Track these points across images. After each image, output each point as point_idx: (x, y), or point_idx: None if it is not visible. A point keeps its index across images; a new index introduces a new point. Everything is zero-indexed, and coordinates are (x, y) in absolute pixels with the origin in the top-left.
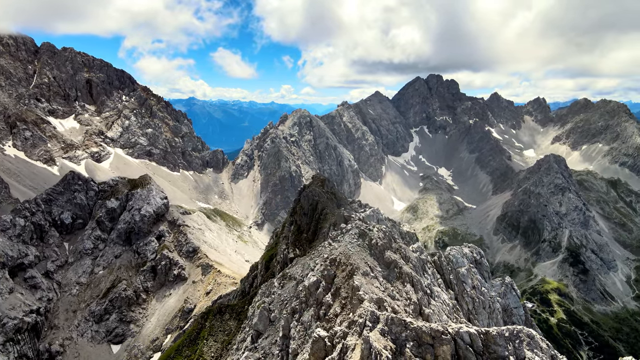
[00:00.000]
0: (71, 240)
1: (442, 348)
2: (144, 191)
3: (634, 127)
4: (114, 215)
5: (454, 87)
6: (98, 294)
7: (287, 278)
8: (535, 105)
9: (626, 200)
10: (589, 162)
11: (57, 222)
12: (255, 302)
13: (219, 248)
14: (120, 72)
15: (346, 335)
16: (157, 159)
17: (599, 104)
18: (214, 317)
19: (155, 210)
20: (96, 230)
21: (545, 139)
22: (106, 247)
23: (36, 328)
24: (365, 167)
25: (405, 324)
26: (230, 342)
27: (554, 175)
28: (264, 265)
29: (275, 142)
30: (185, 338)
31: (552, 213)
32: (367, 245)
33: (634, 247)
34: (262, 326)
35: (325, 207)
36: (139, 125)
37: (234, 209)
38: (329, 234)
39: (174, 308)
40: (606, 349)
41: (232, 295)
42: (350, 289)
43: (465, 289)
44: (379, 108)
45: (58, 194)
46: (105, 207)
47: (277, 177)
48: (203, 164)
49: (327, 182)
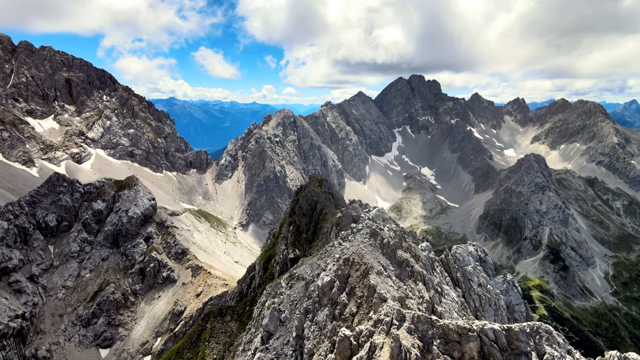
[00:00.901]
0: (56, 243)
1: (469, 345)
2: (131, 192)
3: (609, 127)
4: (100, 217)
5: (435, 88)
6: (85, 297)
7: (295, 278)
8: (515, 106)
9: (603, 198)
10: (567, 161)
11: (41, 224)
12: (261, 302)
13: (208, 249)
14: (101, 71)
15: (372, 334)
16: (140, 159)
17: (576, 104)
18: (215, 319)
19: (143, 212)
20: (82, 232)
21: (525, 139)
22: (93, 249)
23: (22, 333)
24: (349, 167)
25: (432, 321)
26: (232, 344)
27: (534, 174)
28: (262, 266)
29: (259, 142)
30: (186, 340)
31: (533, 211)
32: (378, 245)
33: (611, 243)
34: (272, 327)
35: (325, 208)
36: (120, 125)
37: (218, 210)
38: (339, 234)
39: (164, 311)
40: (586, 343)
41: (229, 296)
42: (366, 288)
43: (472, 287)
44: (362, 108)
45: (42, 196)
46: (92, 209)
47: (262, 178)
48: (186, 164)
49: (324, 182)
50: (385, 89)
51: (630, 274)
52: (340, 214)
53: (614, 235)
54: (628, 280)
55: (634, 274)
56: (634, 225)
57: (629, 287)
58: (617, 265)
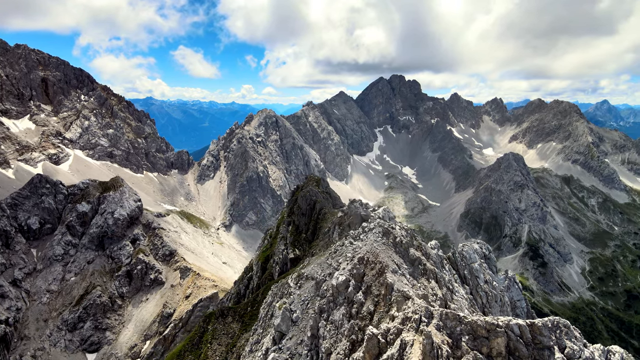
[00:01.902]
0: (39, 246)
1: (497, 340)
2: (116, 194)
3: (584, 126)
4: (85, 219)
5: (415, 88)
6: (70, 301)
7: (304, 278)
8: (493, 106)
9: (579, 196)
10: (544, 160)
11: (23, 227)
12: (267, 303)
13: (196, 250)
14: (79, 70)
15: (400, 331)
16: (120, 160)
17: (551, 104)
18: (216, 320)
19: (129, 214)
20: (66, 235)
21: (503, 138)
22: (77, 252)
23: (5, 339)
24: (331, 167)
25: (460, 318)
26: (235, 345)
27: (513, 172)
28: (260, 267)
29: (241, 142)
30: (186, 343)
31: (512, 209)
32: (391, 243)
33: (587, 240)
34: (284, 327)
35: (324, 207)
36: (99, 125)
37: (200, 211)
38: (348, 233)
39: (152, 313)
40: None
41: (226, 297)
42: (383, 286)
43: (479, 284)
44: (344, 108)
45: (24, 198)
46: (76, 211)
47: (245, 178)
48: (168, 165)
49: (322, 182)
50: (366, 88)
51: (606, 269)
52: (342, 214)
53: (590, 231)
54: (603, 275)
55: (609, 269)
56: (608, 222)
57: (605, 282)
58: (593, 261)
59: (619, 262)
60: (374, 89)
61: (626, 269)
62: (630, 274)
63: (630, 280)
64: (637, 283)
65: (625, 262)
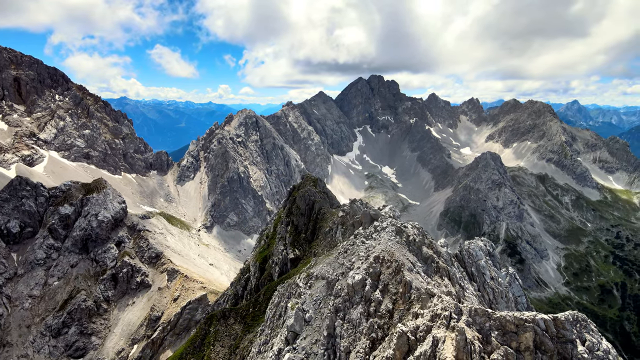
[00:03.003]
0: (20, 250)
1: (525, 335)
2: (100, 196)
3: (557, 126)
4: (68, 222)
5: (394, 88)
6: (54, 306)
7: (314, 278)
8: (470, 106)
9: (553, 194)
10: (520, 159)
11: (3, 231)
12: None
13: (182, 252)
14: (53, 69)
15: (430, 328)
16: (97, 161)
17: (526, 104)
18: (218, 322)
19: (114, 216)
20: (48, 238)
21: (480, 137)
22: (60, 256)
23: None
24: (311, 167)
25: (488, 314)
26: (238, 346)
27: (491, 171)
28: (258, 267)
29: (221, 142)
30: (188, 345)
31: (491, 207)
32: (404, 242)
33: (562, 236)
34: (298, 327)
35: (322, 207)
36: (75, 126)
37: (181, 212)
38: (361, 232)
39: (139, 317)
40: None
41: (223, 299)
42: (401, 284)
43: (486, 280)
44: (323, 108)
45: (3, 201)
46: (58, 214)
47: (226, 179)
48: (146, 166)
49: (319, 182)
50: (346, 89)
51: (580, 264)
52: (343, 213)
53: (564, 228)
54: (578, 270)
55: (584, 264)
56: (582, 219)
57: (579, 277)
58: (568, 257)
59: (592, 257)
60: (353, 89)
61: (599, 264)
62: (603, 269)
63: (603, 275)
64: (610, 278)
65: (599, 257)
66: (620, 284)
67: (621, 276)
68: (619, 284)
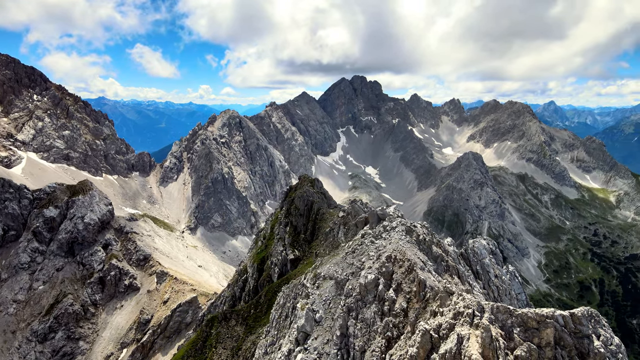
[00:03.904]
0: (3, 254)
1: (546, 331)
2: (86, 198)
3: (537, 126)
4: (53, 224)
5: (377, 88)
6: (40, 311)
7: (322, 278)
8: (452, 106)
9: (533, 193)
10: (500, 159)
11: None
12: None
13: (171, 254)
14: (30, 69)
15: (453, 326)
16: (77, 163)
17: (506, 105)
18: (220, 324)
19: (100, 218)
20: (33, 242)
21: (461, 138)
22: (45, 259)
23: None
24: (295, 168)
25: (510, 311)
26: (241, 348)
27: (473, 171)
28: (256, 269)
29: (205, 143)
30: (189, 348)
31: (473, 206)
32: (415, 241)
33: (542, 235)
34: (309, 327)
35: (321, 208)
36: (54, 127)
37: (164, 214)
38: (369, 231)
39: (128, 320)
40: None
41: (220, 301)
42: (414, 283)
43: (490, 278)
44: (307, 109)
45: None
46: (43, 217)
47: (210, 180)
48: (128, 167)
49: (316, 182)
50: (329, 89)
51: (560, 262)
52: (343, 213)
53: (544, 226)
54: (558, 268)
55: (563, 262)
56: (561, 217)
57: (559, 274)
58: (548, 255)
59: (571, 255)
60: (336, 90)
61: (578, 262)
62: (582, 266)
63: (582, 271)
64: (588, 274)
65: (577, 254)
66: (598, 280)
67: (599, 273)
68: (597, 280)
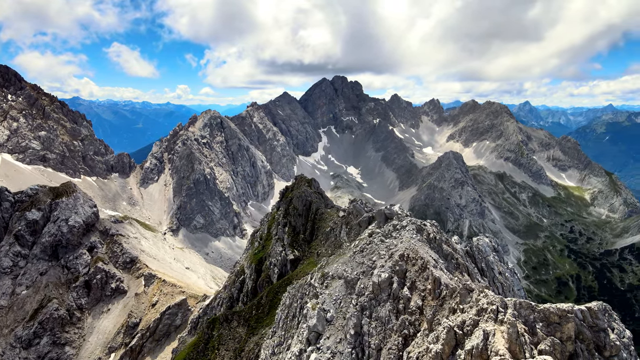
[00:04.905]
0: None
1: (567, 326)
2: (70, 200)
3: (514, 126)
4: (35, 227)
5: (357, 88)
6: (24, 316)
7: (330, 278)
8: (431, 106)
9: (511, 191)
10: (479, 158)
11: None
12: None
13: (158, 256)
14: (4, 68)
15: (477, 322)
16: (54, 164)
17: (484, 105)
18: (221, 326)
19: (85, 220)
20: (15, 245)
21: (441, 137)
22: (28, 263)
23: None
24: (277, 168)
25: (532, 307)
26: (244, 349)
27: (453, 170)
28: (254, 270)
29: (186, 144)
30: (190, 351)
31: (454, 205)
32: (425, 240)
33: (521, 232)
34: (320, 327)
35: (320, 208)
36: (29, 127)
37: (145, 216)
38: (377, 230)
39: (116, 324)
40: None
41: (217, 302)
42: (428, 281)
43: (495, 275)
44: (288, 109)
45: None
46: (25, 219)
47: (192, 181)
48: (107, 168)
49: (313, 183)
50: (310, 89)
51: (538, 258)
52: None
53: (523, 224)
54: (536, 264)
55: (541, 258)
56: (538, 215)
57: (538, 270)
58: (527, 252)
59: (549, 251)
60: (317, 90)
61: (555, 258)
62: (559, 262)
63: (559, 268)
64: (565, 270)
65: (555, 251)
66: (575, 276)
67: (576, 269)
68: (574, 276)
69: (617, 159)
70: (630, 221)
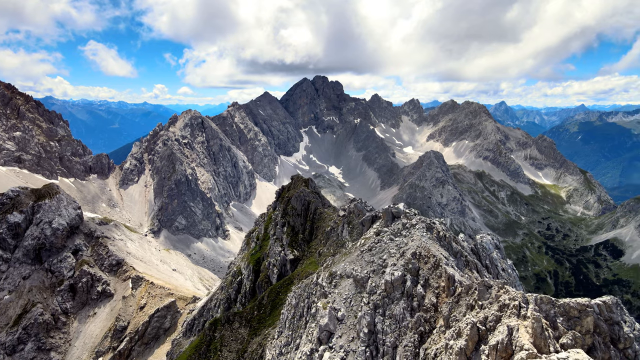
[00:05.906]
0: None
1: (587, 319)
2: (53, 202)
3: (492, 125)
4: (18, 230)
5: (338, 88)
6: (7, 322)
7: (339, 277)
8: (411, 106)
9: (490, 190)
10: (459, 157)
11: None
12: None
13: (144, 258)
14: None
15: (499, 318)
16: (30, 165)
17: (463, 105)
18: (223, 327)
19: (69, 223)
20: None
21: (421, 137)
22: (10, 267)
23: None
24: (259, 168)
25: (553, 302)
26: (246, 350)
27: (435, 169)
28: (252, 270)
29: (167, 144)
30: (192, 352)
31: (436, 204)
32: (435, 238)
33: (501, 230)
34: (332, 326)
35: (318, 207)
36: (4, 128)
37: (125, 217)
38: (385, 229)
39: (102, 328)
40: None
41: (215, 304)
42: (441, 278)
43: (499, 272)
44: (269, 109)
45: None
46: (7, 222)
47: (173, 181)
48: (86, 170)
49: (310, 182)
50: (291, 89)
51: (517, 255)
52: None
53: (502, 222)
54: (516, 261)
55: (520, 255)
56: (517, 213)
57: (517, 267)
58: (507, 249)
59: (527, 248)
60: (298, 90)
61: (534, 255)
62: (537, 259)
63: (537, 264)
64: (543, 267)
65: (533, 248)
66: (552, 272)
67: (553, 265)
68: (552, 272)
69: (589, 158)
70: (604, 218)
